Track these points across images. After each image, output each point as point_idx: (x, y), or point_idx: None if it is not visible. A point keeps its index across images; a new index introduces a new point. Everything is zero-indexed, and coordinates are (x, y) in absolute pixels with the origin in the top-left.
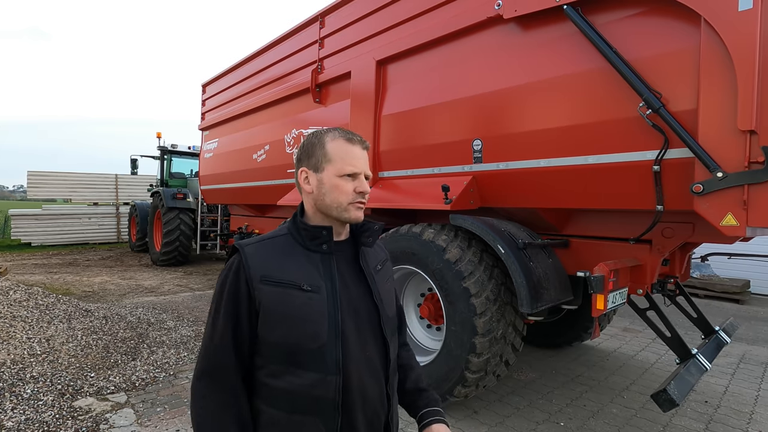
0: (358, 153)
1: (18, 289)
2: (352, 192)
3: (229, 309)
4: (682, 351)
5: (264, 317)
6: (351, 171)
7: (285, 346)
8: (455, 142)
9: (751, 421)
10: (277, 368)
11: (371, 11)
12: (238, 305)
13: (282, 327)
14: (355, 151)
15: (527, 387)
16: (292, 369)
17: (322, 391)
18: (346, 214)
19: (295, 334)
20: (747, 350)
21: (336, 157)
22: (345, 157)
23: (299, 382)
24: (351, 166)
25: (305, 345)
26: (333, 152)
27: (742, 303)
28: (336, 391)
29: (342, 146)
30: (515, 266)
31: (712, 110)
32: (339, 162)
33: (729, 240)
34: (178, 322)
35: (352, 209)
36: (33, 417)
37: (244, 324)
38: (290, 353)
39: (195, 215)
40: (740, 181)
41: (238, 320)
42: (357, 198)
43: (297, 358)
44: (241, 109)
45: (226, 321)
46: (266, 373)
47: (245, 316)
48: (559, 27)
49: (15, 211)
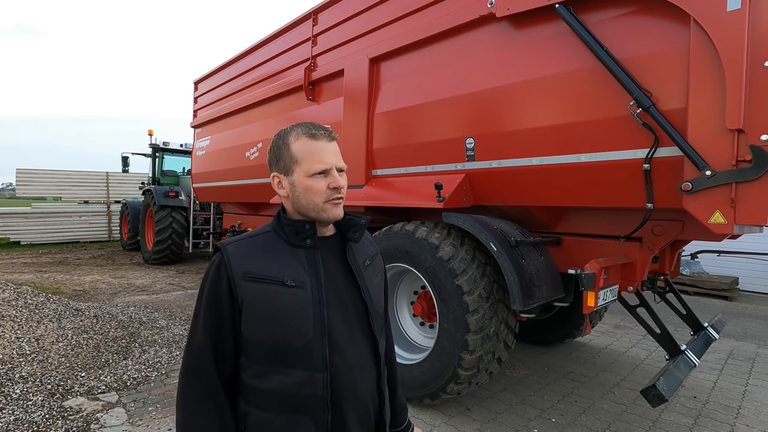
0: (325, 147)
1: (7, 288)
2: (325, 190)
3: (211, 308)
4: (672, 347)
5: (247, 315)
6: (319, 168)
7: (270, 344)
8: (448, 140)
9: (739, 415)
10: (263, 368)
11: (364, 9)
12: (220, 304)
13: (266, 324)
14: (320, 146)
15: (519, 384)
16: (278, 368)
17: (310, 389)
18: (324, 214)
19: (279, 331)
20: (735, 346)
21: (302, 157)
22: (311, 155)
23: (286, 381)
24: (319, 164)
25: (290, 342)
26: (298, 152)
27: (731, 300)
28: (324, 388)
29: (306, 144)
30: (507, 264)
31: (701, 109)
32: (306, 162)
33: (717, 237)
34: (170, 320)
35: (330, 207)
36: (22, 417)
37: (226, 323)
38: (275, 351)
39: (187, 213)
40: (728, 180)
41: (220, 320)
42: (332, 195)
43: (283, 356)
44: (233, 107)
45: (206, 321)
46: (251, 374)
47: (228, 315)
48: (551, 26)
49: (4, 209)
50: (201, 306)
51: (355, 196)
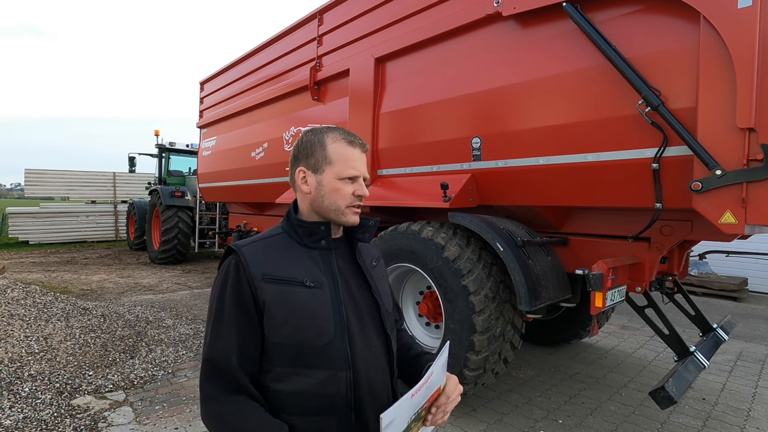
0: (359, 156)
1: (15, 288)
2: (350, 195)
3: (237, 309)
4: (680, 348)
5: (268, 317)
6: (352, 174)
7: (291, 345)
8: (454, 140)
9: (749, 418)
10: (285, 370)
11: (370, 8)
12: (245, 305)
13: (287, 325)
14: (356, 153)
15: (526, 384)
16: (301, 369)
17: (333, 388)
18: (344, 218)
19: (301, 331)
20: (744, 347)
21: (337, 160)
22: (347, 159)
23: (309, 381)
24: (352, 169)
25: (312, 342)
26: (334, 154)
27: (740, 301)
28: (348, 387)
29: (344, 148)
30: (514, 264)
31: (711, 108)
32: (340, 165)
33: (727, 238)
34: (176, 320)
35: (350, 213)
36: (31, 415)
37: (253, 324)
38: (297, 352)
39: (193, 213)
40: (739, 179)
41: (247, 320)
42: (355, 201)
43: (304, 356)
44: (239, 107)
45: (232, 322)
46: (273, 377)
47: (254, 315)
48: (558, 24)
49: (12, 209)
50: (224, 308)
51: None
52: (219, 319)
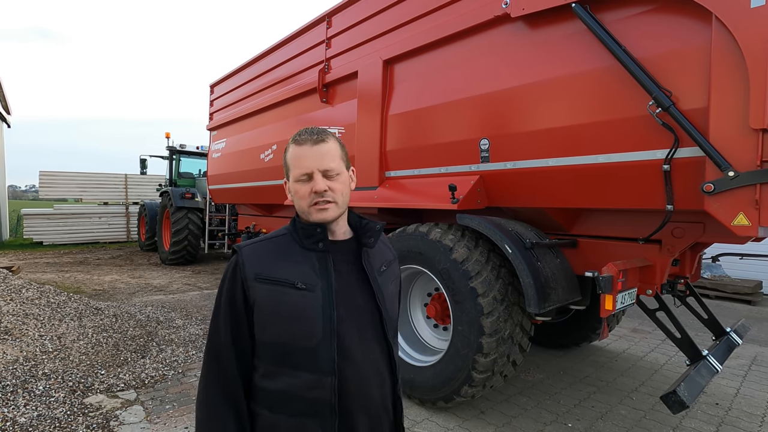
0: (307, 152)
1: (30, 288)
2: (308, 194)
3: (229, 308)
4: (693, 352)
5: (257, 315)
6: (300, 174)
7: (278, 345)
8: (462, 142)
9: (763, 423)
10: (272, 368)
11: (378, 11)
12: (236, 304)
13: (275, 325)
14: (303, 151)
15: (535, 387)
16: (287, 369)
17: (318, 392)
18: (311, 218)
19: (288, 332)
20: (759, 352)
21: (291, 164)
22: (297, 160)
23: (294, 382)
24: (303, 168)
25: (299, 344)
26: (290, 159)
27: (754, 304)
28: (332, 392)
29: (294, 150)
30: (523, 266)
31: (724, 108)
32: (294, 168)
33: (740, 240)
34: (186, 320)
35: (314, 211)
36: (45, 413)
37: (243, 323)
38: (284, 353)
39: (203, 215)
40: (752, 181)
41: (237, 319)
42: (315, 198)
43: (291, 357)
44: (248, 109)
45: (226, 320)
46: (261, 374)
47: (243, 314)
48: (568, 25)
49: (27, 210)
50: (221, 305)
51: (369, 198)
52: (217, 315)
